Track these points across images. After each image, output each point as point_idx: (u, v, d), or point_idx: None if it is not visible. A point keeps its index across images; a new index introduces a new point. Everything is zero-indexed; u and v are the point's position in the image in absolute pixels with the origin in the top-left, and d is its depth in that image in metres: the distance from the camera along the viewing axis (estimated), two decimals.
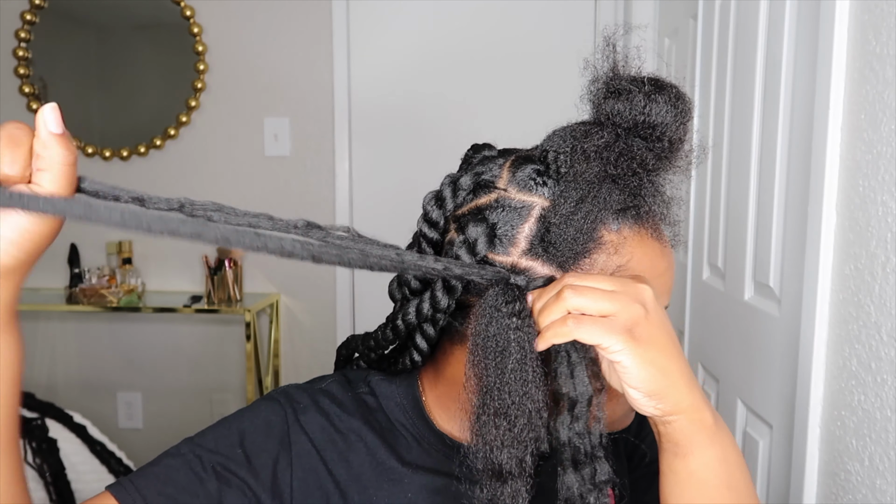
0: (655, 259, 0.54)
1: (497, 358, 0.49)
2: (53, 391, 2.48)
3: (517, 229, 0.52)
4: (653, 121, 0.49)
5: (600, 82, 0.52)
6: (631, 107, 0.49)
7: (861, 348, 0.76)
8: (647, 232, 0.53)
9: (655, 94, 0.49)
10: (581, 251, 0.51)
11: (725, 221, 1.19)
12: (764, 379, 1.02)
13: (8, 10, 2.33)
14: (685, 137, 0.51)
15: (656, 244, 0.54)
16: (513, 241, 0.52)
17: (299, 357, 2.45)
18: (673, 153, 0.51)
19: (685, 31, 1.66)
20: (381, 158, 2.33)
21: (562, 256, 0.51)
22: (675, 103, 0.50)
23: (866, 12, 0.76)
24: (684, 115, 0.50)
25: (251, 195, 2.38)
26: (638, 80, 0.50)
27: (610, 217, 0.51)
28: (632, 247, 0.52)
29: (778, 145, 0.97)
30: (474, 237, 0.52)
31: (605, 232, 0.52)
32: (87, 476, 1.77)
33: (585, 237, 0.50)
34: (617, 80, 0.51)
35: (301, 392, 0.62)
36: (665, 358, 0.47)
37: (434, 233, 0.58)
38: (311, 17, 2.30)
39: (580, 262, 0.51)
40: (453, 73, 2.30)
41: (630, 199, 0.52)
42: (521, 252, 0.52)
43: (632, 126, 0.50)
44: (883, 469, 0.72)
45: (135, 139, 2.37)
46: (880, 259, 0.72)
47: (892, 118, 0.71)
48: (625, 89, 0.50)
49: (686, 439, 0.49)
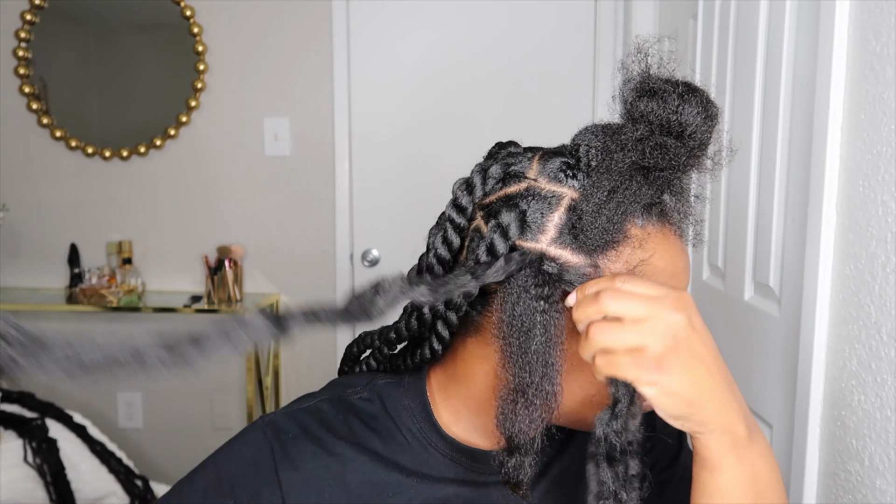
0: (676, 257, 0.55)
1: (521, 337, 0.51)
2: (53, 391, 2.47)
3: (546, 217, 0.53)
4: (685, 120, 0.50)
5: (634, 82, 0.53)
6: (665, 105, 0.50)
7: (861, 348, 0.76)
8: (671, 229, 0.54)
9: (688, 96, 0.51)
10: (610, 241, 0.51)
11: (725, 221, 1.19)
12: (764, 379, 1.02)
13: (8, 10, 2.33)
14: (712, 140, 0.53)
15: (678, 242, 0.55)
16: (542, 228, 0.53)
17: (299, 357, 2.45)
18: (702, 153, 0.53)
19: (685, 31, 1.66)
20: (382, 158, 2.33)
21: (591, 245, 0.51)
22: (706, 106, 0.51)
23: (866, 12, 0.76)
24: (714, 118, 0.52)
25: (251, 195, 2.38)
26: (672, 81, 0.52)
27: (637, 211, 0.52)
28: (655, 242, 0.53)
29: (778, 145, 0.97)
30: (507, 222, 0.53)
31: (631, 226, 0.52)
32: (87, 476, 1.77)
33: (615, 227, 0.51)
34: (651, 80, 0.52)
35: (288, 420, 0.61)
36: (702, 377, 0.47)
37: (462, 218, 0.58)
38: (311, 17, 2.30)
39: (607, 254, 0.52)
40: (453, 73, 2.30)
41: (657, 194, 0.53)
42: (549, 240, 0.53)
43: (664, 124, 0.51)
44: (883, 469, 0.72)
45: (135, 139, 2.37)
46: (880, 259, 0.72)
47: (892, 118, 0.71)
48: (659, 89, 0.51)
49: (714, 455, 0.49)
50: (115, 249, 2.38)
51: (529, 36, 2.26)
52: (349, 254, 2.38)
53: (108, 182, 2.41)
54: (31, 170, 2.41)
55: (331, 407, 0.62)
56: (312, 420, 0.60)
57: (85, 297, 2.24)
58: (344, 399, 0.63)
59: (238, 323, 0.46)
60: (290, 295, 2.41)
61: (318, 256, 2.39)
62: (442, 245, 0.58)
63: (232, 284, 2.25)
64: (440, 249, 0.58)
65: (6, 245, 2.44)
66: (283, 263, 2.40)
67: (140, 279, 2.37)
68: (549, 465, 0.64)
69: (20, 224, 2.43)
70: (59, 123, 2.37)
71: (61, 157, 2.40)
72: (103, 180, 2.41)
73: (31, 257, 2.44)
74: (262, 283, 2.41)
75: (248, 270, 2.40)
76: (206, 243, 2.38)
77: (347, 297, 0.49)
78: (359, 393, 0.63)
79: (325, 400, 0.62)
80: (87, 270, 2.32)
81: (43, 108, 2.36)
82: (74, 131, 2.38)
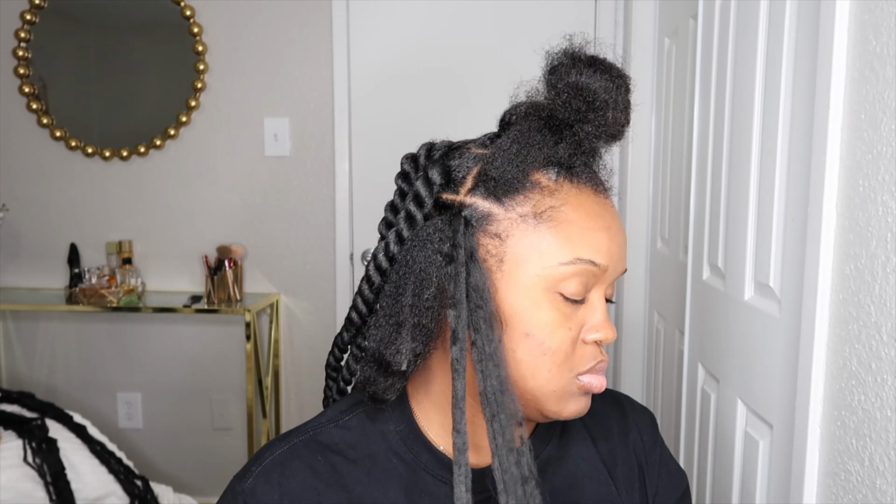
0: (591, 213, 0.56)
1: (414, 282, 0.54)
2: (53, 391, 2.48)
3: (468, 171, 0.56)
4: (588, 83, 0.55)
5: (554, 55, 0.58)
6: (571, 72, 0.55)
7: (861, 348, 0.76)
8: (589, 189, 0.57)
9: (595, 66, 0.55)
10: (517, 186, 0.54)
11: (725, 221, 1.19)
12: (764, 379, 1.02)
13: (8, 10, 2.33)
14: (623, 109, 0.56)
15: (597, 201, 0.56)
16: (462, 182, 0.56)
17: (299, 357, 2.45)
18: (606, 116, 0.56)
19: (685, 31, 1.66)
20: (381, 158, 2.33)
21: (499, 190, 0.54)
22: (609, 72, 0.55)
23: (866, 12, 0.76)
24: (616, 82, 0.55)
25: (251, 195, 2.38)
26: (579, 53, 0.56)
27: (546, 163, 0.55)
28: (567, 195, 0.55)
29: (778, 145, 0.97)
30: (433, 175, 0.57)
31: (541, 176, 0.55)
32: (86, 476, 1.77)
33: (521, 172, 0.54)
34: (562, 55, 0.57)
35: (268, 489, 0.58)
36: None
37: (405, 184, 0.61)
38: (311, 17, 2.30)
39: (515, 198, 0.54)
40: (453, 73, 2.30)
41: (570, 150, 0.56)
42: (466, 190, 0.56)
43: (572, 89, 0.55)
44: (883, 469, 0.72)
45: (135, 139, 2.37)
46: (880, 259, 0.72)
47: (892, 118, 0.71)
48: (566, 62, 0.56)
49: None
50: (115, 249, 2.38)
51: (530, 36, 2.26)
52: (349, 254, 2.38)
53: (108, 182, 2.41)
54: (31, 170, 2.41)
55: (307, 451, 0.60)
56: (290, 475, 0.59)
57: (85, 297, 2.24)
58: (317, 438, 0.61)
59: None
60: (290, 295, 2.41)
61: (318, 256, 2.39)
62: (389, 210, 0.61)
63: (232, 284, 2.25)
64: (387, 213, 0.61)
65: (6, 245, 2.44)
66: (283, 263, 2.40)
67: (140, 279, 2.37)
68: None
69: (20, 224, 2.43)
70: (59, 123, 2.37)
71: (61, 157, 2.40)
72: (103, 180, 2.41)
73: (31, 257, 2.44)
74: (262, 283, 2.41)
75: (248, 270, 2.40)
76: (206, 243, 2.38)
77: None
78: (336, 420, 0.62)
79: (300, 443, 0.61)
80: (87, 270, 2.32)
81: (43, 108, 2.36)
82: (74, 131, 2.38)
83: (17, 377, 2.48)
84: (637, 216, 2.12)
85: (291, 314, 2.42)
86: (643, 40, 2.06)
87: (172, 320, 2.45)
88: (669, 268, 1.81)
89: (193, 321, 2.45)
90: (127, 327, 2.46)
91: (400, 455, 0.60)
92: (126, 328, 2.46)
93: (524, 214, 0.54)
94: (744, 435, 1.12)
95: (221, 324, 2.44)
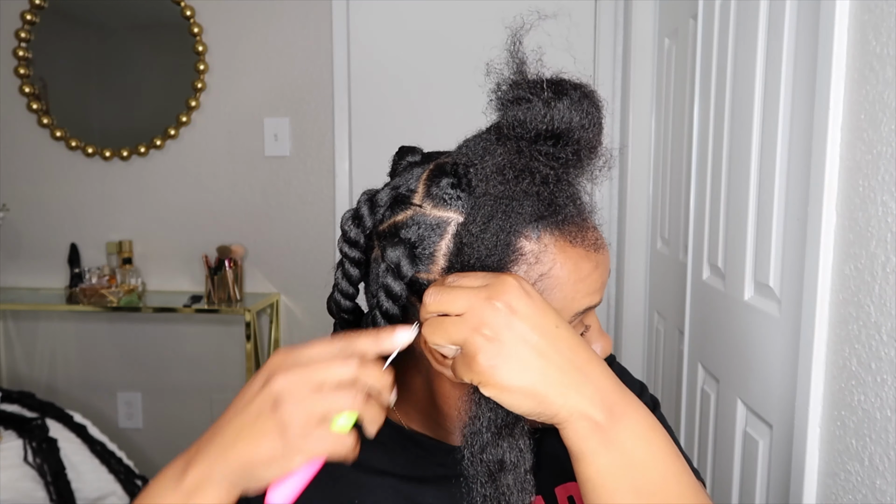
0: (579, 262, 0.52)
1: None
2: (53, 391, 2.48)
3: (435, 246, 0.51)
4: (556, 128, 0.48)
5: (503, 88, 0.50)
6: (531, 116, 0.48)
7: (861, 348, 0.76)
8: (567, 238, 0.52)
9: (555, 101, 0.48)
10: (497, 266, 0.49)
11: (725, 221, 1.19)
12: (764, 379, 1.02)
13: (8, 10, 2.33)
14: (597, 139, 0.50)
15: (579, 248, 0.52)
16: (432, 259, 0.51)
17: None
18: (582, 158, 0.50)
19: (685, 31, 1.66)
20: (381, 158, 2.33)
21: (481, 270, 0.49)
22: (578, 106, 0.48)
23: (866, 12, 0.76)
24: (591, 116, 0.49)
25: (251, 195, 2.38)
26: (538, 84, 0.49)
27: (526, 227, 0.50)
28: (553, 254, 0.51)
29: (778, 145, 0.97)
30: (395, 260, 0.51)
31: (525, 242, 0.50)
32: (87, 476, 1.77)
33: (500, 252, 0.49)
34: (516, 87, 0.49)
35: None
36: (535, 364, 0.44)
37: (356, 251, 0.57)
38: (311, 17, 2.30)
39: None
40: (453, 73, 2.30)
41: (545, 208, 0.50)
42: (440, 269, 0.51)
43: (534, 137, 0.49)
44: (883, 469, 0.72)
45: (135, 139, 2.37)
46: (880, 259, 0.72)
47: (892, 118, 0.71)
48: (523, 97, 0.48)
49: (575, 445, 0.46)
50: (115, 249, 2.38)
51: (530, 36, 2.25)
52: None
53: (108, 182, 2.41)
54: (31, 170, 2.41)
55: None
56: None
57: (85, 296, 2.24)
58: None
59: None
60: (290, 295, 2.41)
61: (318, 256, 2.39)
62: (343, 280, 0.58)
63: (232, 284, 2.25)
64: (342, 284, 0.58)
65: (6, 245, 2.44)
66: (283, 263, 2.40)
67: (140, 279, 2.37)
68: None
69: (20, 224, 2.43)
70: (59, 123, 2.37)
71: (61, 157, 2.40)
72: (103, 180, 2.41)
73: (31, 257, 2.44)
74: (262, 283, 2.41)
75: (248, 270, 2.40)
76: (206, 243, 2.38)
77: None
78: None
79: None
80: (87, 270, 2.33)
81: (43, 108, 2.36)
82: (74, 131, 2.38)
83: (17, 377, 2.48)
84: (637, 216, 2.12)
85: (291, 314, 2.42)
86: (643, 40, 2.06)
87: (173, 320, 2.45)
88: (669, 268, 1.81)
89: (193, 321, 2.45)
90: (127, 327, 2.46)
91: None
92: (126, 328, 2.46)
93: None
94: (744, 435, 1.12)
95: (221, 324, 2.44)
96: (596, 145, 0.50)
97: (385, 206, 0.55)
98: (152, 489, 0.48)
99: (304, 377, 0.44)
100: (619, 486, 0.46)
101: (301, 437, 0.43)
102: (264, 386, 0.44)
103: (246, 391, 0.46)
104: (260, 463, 0.43)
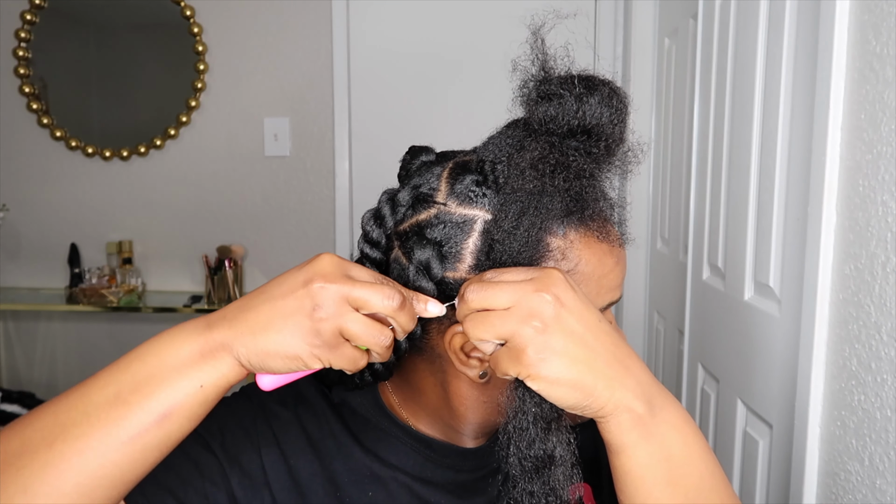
0: (603, 258, 0.53)
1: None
2: (53, 391, 2.48)
3: (462, 245, 0.51)
4: (587, 124, 0.48)
5: (530, 86, 0.51)
6: (563, 112, 0.48)
7: (861, 348, 0.76)
8: (594, 233, 0.52)
9: (587, 96, 0.48)
10: (527, 262, 0.50)
11: (725, 221, 1.19)
12: (764, 379, 1.02)
13: (8, 10, 2.33)
14: (623, 136, 0.50)
15: (603, 244, 0.53)
16: (459, 257, 0.51)
17: None
18: (611, 154, 0.51)
19: (685, 31, 1.66)
20: (381, 158, 2.33)
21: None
22: (608, 102, 0.49)
23: (866, 12, 0.76)
24: (619, 112, 0.49)
25: (251, 195, 2.38)
26: (568, 80, 0.49)
27: (554, 224, 0.51)
28: (579, 250, 0.52)
29: (778, 145, 0.97)
30: (425, 261, 0.51)
31: (552, 238, 0.51)
32: None
33: (531, 249, 0.49)
34: (547, 83, 0.50)
35: (281, 408, 0.59)
36: (582, 356, 0.45)
37: (376, 252, 0.56)
38: (311, 17, 2.30)
39: None
40: (453, 73, 2.30)
41: (573, 203, 0.51)
42: (468, 268, 0.51)
43: (566, 132, 0.49)
44: (883, 469, 0.72)
45: (135, 139, 2.37)
46: (880, 259, 0.72)
47: (892, 118, 0.71)
48: (555, 93, 0.49)
49: (615, 438, 0.47)
50: (115, 249, 2.38)
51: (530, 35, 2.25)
52: (349, 254, 2.37)
53: (108, 182, 2.41)
54: (31, 170, 2.41)
55: (318, 394, 0.61)
56: (305, 409, 0.60)
57: (85, 296, 2.24)
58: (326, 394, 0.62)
59: None
60: None
61: None
62: None
63: (232, 284, 2.25)
64: None
65: (6, 245, 2.44)
66: (283, 263, 2.40)
67: (140, 279, 2.37)
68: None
69: (20, 224, 2.43)
70: (59, 123, 2.37)
71: (61, 157, 2.40)
72: (103, 180, 2.41)
73: (31, 257, 2.44)
74: (262, 283, 2.41)
75: (248, 270, 2.40)
76: (206, 243, 2.38)
77: None
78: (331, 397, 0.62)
79: (310, 384, 0.62)
80: (88, 270, 2.33)
81: (43, 108, 2.36)
82: (74, 131, 2.38)
83: (17, 377, 2.48)
84: (637, 216, 2.12)
85: None
86: (643, 40, 2.06)
87: (173, 320, 2.44)
88: (669, 268, 1.81)
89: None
90: (127, 327, 2.46)
91: (381, 427, 0.60)
92: (126, 328, 2.46)
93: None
94: (743, 435, 1.12)
95: None
96: (622, 141, 0.51)
97: (407, 205, 0.55)
98: (163, 338, 0.47)
99: (349, 293, 0.44)
100: (656, 479, 0.47)
101: (329, 347, 0.44)
102: (306, 284, 0.44)
103: (285, 280, 0.46)
104: (281, 356, 0.44)
